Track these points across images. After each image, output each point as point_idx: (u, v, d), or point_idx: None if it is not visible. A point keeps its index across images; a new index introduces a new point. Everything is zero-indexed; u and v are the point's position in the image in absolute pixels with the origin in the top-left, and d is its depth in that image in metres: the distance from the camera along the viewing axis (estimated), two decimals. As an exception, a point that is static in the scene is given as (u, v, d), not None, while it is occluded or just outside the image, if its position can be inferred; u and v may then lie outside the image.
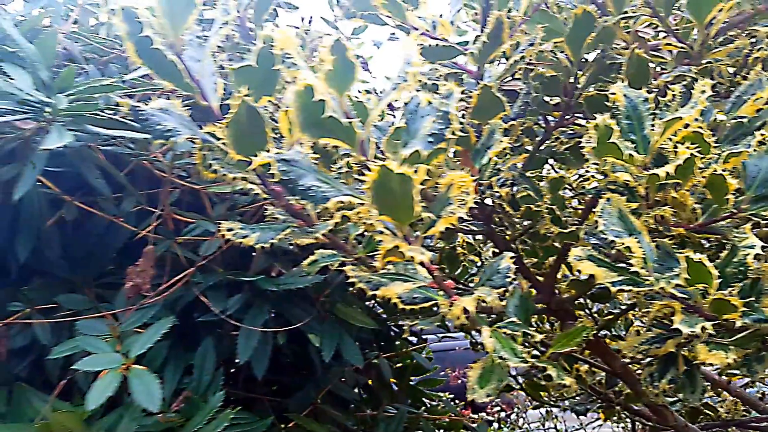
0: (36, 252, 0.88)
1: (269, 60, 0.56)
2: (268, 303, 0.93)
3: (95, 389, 0.59)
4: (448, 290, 0.62)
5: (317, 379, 1.12)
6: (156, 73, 0.55)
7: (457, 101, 0.50)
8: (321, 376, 1.13)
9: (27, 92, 0.67)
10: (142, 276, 0.79)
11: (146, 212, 0.94)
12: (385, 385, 1.32)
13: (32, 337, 0.87)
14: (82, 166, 0.77)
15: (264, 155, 0.53)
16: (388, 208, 0.52)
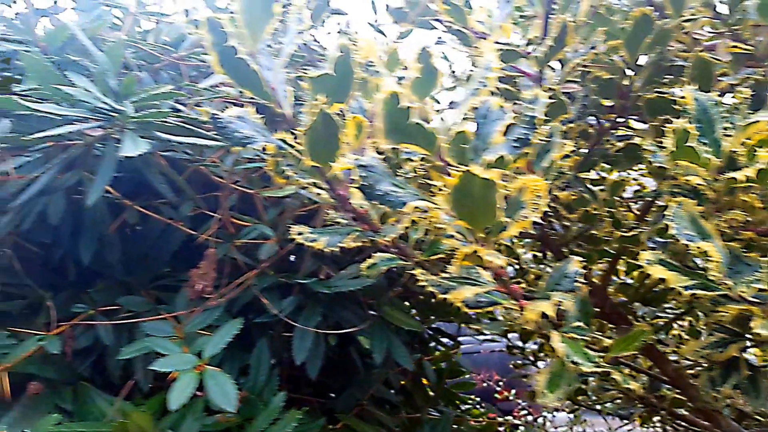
0: (97, 255, 0.90)
1: (345, 68, 0.57)
2: (319, 305, 0.95)
3: (176, 390, 0.61)
4: (516, 294, 0.63)
5: (360, 380, 1.14)
6: (236, 82, 0.57)
7: (544, 107, 0.51)
8: (363, 378, 1.14)
9: (99, 100, 0.69)
10: (205, 278, 0.81)
11: (200, 216, 0.96)
12: (420, 388, 1.33)
13: (95, 337, 0.89)
14: (146, 171, 0.79)
15: (344, 161, 0.54)
16: (467, 212, 0.53)
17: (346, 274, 0.98)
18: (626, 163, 0.92)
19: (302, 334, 0.90)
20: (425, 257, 0.71)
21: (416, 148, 0.52)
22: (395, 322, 1.01)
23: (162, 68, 1.03)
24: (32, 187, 0.77)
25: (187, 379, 0.63)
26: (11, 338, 0.84)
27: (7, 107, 0.70)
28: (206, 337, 0.73)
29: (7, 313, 0.90)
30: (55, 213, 0.84)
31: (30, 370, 0.79)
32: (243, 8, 0.55)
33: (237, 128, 0.60)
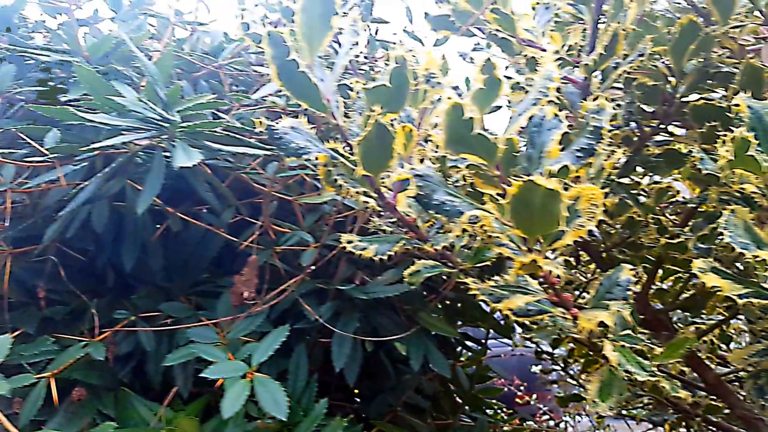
0: (137, 261, 0.91)
1: (401, 79, 0.57)
2: (356, 311, 0.95)
3: (229, 398, 0.62)
4: (567, 303, 0.63)
5: (392, 386, 1.14)
6: (292, 93, 0.57)
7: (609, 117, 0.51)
8: (395, 383, 1.14)
9: (150, 110, 0.70)
10: (247, 285, 0.82)
11: (238, 222, 0.97)
12: (448, 393, 1.33)
13: (135, 343, 0.90)
14: (191, 179, 0.80)
15: (401, 171, 0.54)
16: (526, 221, 0.53)
17: (382, 280, 0.98)
18: (665, 169, 0.91)
19: (341, 340, 0.90)
20: (471, 265, 0.71)
21: (475, 158, 0.52)
22: (431, 328, 1.01)
23: (200, 77, 1.04)
24: (79, 195, 0.78)
25: (240, 387, 0.63)
26: (55, 344, 0.85)
27: (63, 118, 0.72)
28: (252, 344, 0.74)
29: (50, 319, 0.92)
30: (99, 221, 0.85)
31: (76, 376, 0.80)
32: (303, 22, 0.55)
33: (292, 139, 0.61)
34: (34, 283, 0.94)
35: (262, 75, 0.97)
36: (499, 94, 0.50)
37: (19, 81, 0.95)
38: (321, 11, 0.56)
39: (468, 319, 1.38)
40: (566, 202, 0.48)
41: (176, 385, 0.89)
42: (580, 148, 0.51)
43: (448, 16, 0.87)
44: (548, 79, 0.51)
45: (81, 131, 0.88)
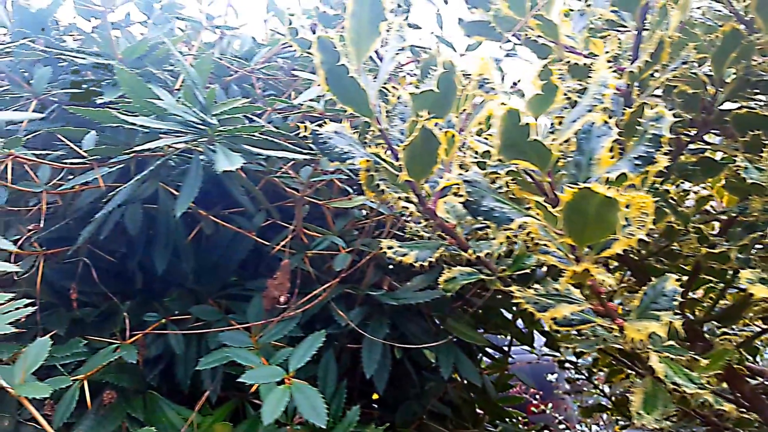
0: (168, 263, 0.91)
1: (449, 85, 0.57)
2: (385, 317, 0.94)
3: (269, 404, 0.61)
4: (613, 313, 0.62)
5: (417, 393, 1.13)
6: (339, 98, 0.57)
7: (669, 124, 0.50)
8: (420, 391, 1.13)
9: (190, 113, 0.70)
10: (280, 289, 0.81)
11: (268, 225, 0.97)
12: (468, 402, 1.32)
13: (165, 346, 0.90)
14: (227, 182, 0.79)
15: (450, 177, 0.54)
16: (578, 229, 0.52)
17: (411, 286, 0.98)
18: (700, 177, 0.90)
19: (371, 347, 0.89)
20: (510, 272, 0.71)
21: (527, 164, 0.52)
22: (459, 335, 1.00)
23: (231, 81, 1.04)
24: (116, 197, 0.78)
25: (280, 393, 0.63)
26: (86, 346, 0.85)
27: (103, 120, 0.72)
28: (285, 348, 0.73)
29: (80, 321, 0.92)
30: (132, 223, 0.85)
31: (107, 378, 0.79)
32: (351, 27, 0.55)
33: (335, 143, 0.60)
34: (63, 284, 0.94)
35: (295, 79, 0.97)
36: (556, 101, 0.49)
37: (52, 83, 0.95)
38: (370, 16, 0.55)
39: (490, 327, 1.37)
40: (624, 211, 0.47)
41: (204, 388, 0.89)
42: (638, 156, 0.50)
43: (481, 22, 0.87)
44: (603, 86, 0.51)
45: (114, 134, 0.89)
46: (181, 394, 0.91)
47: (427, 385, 1.17)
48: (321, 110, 0.76)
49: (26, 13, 0.98)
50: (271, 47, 1.03)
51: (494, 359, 1.47)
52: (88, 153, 0.76)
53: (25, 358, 0.58)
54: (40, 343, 0.61)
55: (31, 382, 0.59)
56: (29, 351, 0.59)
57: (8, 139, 0.65)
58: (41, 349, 0.60)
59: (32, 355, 0.59)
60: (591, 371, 1.48)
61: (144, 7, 1.08)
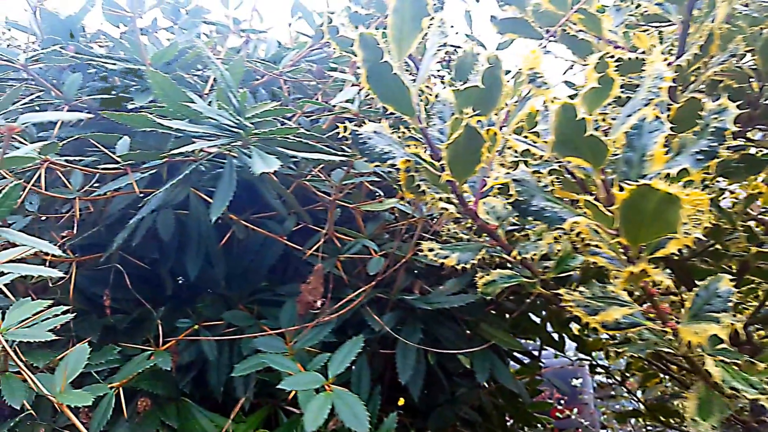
0: (199, 269, 0.90)
1: (494, 80, 0.55)
2: (419, 321, 0.93)
3: (311, 412, 0.60)
4: (665, 316, 0.60)
5: (448, 399, 1.11)
6: (380, 97, 0.55)
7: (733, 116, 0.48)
8: (452, 396, 1.11)
9: (225, 116, 0.69)
10: (314, 293, 0.80)
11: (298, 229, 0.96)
12: (497, 408, 1.29)
13: (197, 352, 0.89)
14: (260, 186, 0.78)
15: (498, 175, 0.52)
16: (634, 229, 0.50)
17: (444, 290, 0.96)
18: (743, 174, 0.87)
19: (405, 352, 0.88)
20: (554, 275, 0.69)
21: (580, 161, 0.50)
22: (493, 340, 0.98)
23: (259, 85, 1.04)
24: (150, 202, 0.78)
25: (322, 401, 0.61)
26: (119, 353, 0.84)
27: (137, 125, 0.71)
28: (322, 354, 0.72)
29: (112, 328, 0.91)
30: (165, 229, 0.85)
31: (142, 385, 0.79)
32: (394, 23, 0.54)
33: (375, 143, 0.59)
34: (94, 291, 0.94)
35: (323, 82, 0.96)
36: (612, 94, 0.47)
37: (81, 90, 0.96)
38: (412, 13, 0.54)
39: (519, 331, 1.34)
40: (686, 208, 0.45)
41: (237, 395, 0.88)
42: (700, 150, 0.48)
43: (515, 19, 0.85)
44: (659, 78, 0.49)
45: (144, 139, 0.88)
46: (213, 400, 0.90)
47: (458, 391, 1.14)
48: (355, 111, 0.75)
49: (55, 20, 0.98)
50: (299, 50, 1.02)
51: (523, 364, 1.44)
52: (121, 158, 0.75)
53: (65, 366, 0.57)
54: (78, 350, 0.60)
55: (69, 389, 0.58)
56: (68, 359, 0.59)
57: (44, 145, 0.64)
58: (80, 357, 0.59)
59: (72, 363, 0.58)
60: (624, 376, 1.45)
61: (171, 12, 1.08)
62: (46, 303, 0.60)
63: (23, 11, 1.06)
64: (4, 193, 0.39)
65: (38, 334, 0.55)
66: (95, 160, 0.80)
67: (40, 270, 0.44)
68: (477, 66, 0.80)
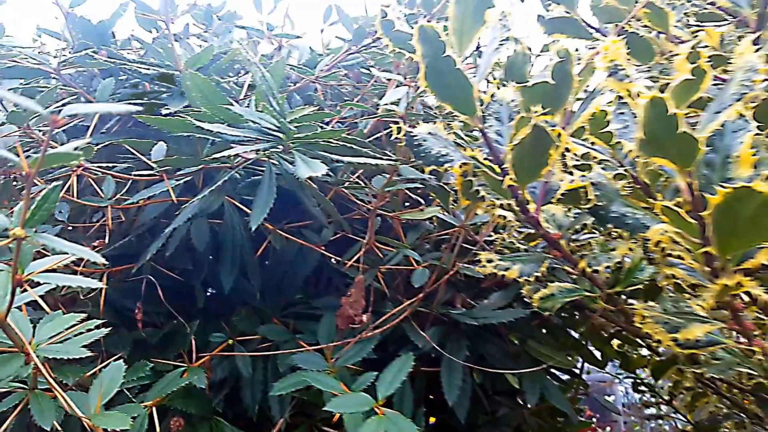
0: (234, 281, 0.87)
1: (564, 76, 0.51)
2: (463, 337, 0.87)
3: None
4: (750, 333, 0.54)
5: (489, 420, 1.05)
6: (439, 95, 0.51)
7: None
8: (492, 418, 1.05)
9: (267, 120, 0.66)
10: (355, 307, 0.75)
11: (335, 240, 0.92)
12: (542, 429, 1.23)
13: (230, 368, 0.85)
14: (300, 194, 0.75)
15: (573, 179, 0.47)
16: (726, 237, 0.45)
17: (489, 304, 0.91)
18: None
19: (450, 370, 0.82)
20: (621, 288, 0.63)
21: (666, 163, 0.45)
22: (541, 358, 0.93)
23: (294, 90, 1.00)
24: (185, 211, 0.74)
25: (374, 425, 0.56)
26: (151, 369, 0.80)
27: (175, 129, 0.68)
28: (368, 373, 0.67)
29: (142, 342, 0.88)
30: (199, 238, 0.81)
31: (175, 404, 0.74)
32: (455, 15, 0.50)
33: (431, 145, 0.55)
34: (123, 303, 0.90)
35: (364, 86, 0.93)
36: (704, 88, 0.42)
37: (113, 96, 0.93)
38: (476, 4, 0.50)
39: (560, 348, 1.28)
40: (797, 214, 0.40)
41: (271, 414, 0.84)
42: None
43: (563, 18, 0.81)
44: (752, 71, 0.44)
45: (178, 145, 0.85)
46: (247, 419, 0.86)
47: (499, 411, 1.09)
48: (402, 113, 0.71)
49: (87, 25, 0.97)
50: (334, 55, 0.99)
51: (563, 381, 1.37)
52: (158, 164, 0.72)
53: (100, 384, 0.53)
54: (113, 368, 0.57)
55: (103, 411, 0.55)
56: (103, 377, 0.55)
57: (80, 149, 0.61)
58: (115, 375, 0.55)
59: (107, 381, 0.54)
60: (672, 394, 1.37)
61: (203, 17, 1.06)
62: (79, 317, 0.56)
63: (53, 19, 1.05)
64: (43, 196, 0.35)
65: (72, 351, 0.51)
66: (129, 167, 0.77)
67: (79, 280, 0.41)
68: (527, 65, 0.76)
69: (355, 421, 0.61)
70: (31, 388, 0.61)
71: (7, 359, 0.49)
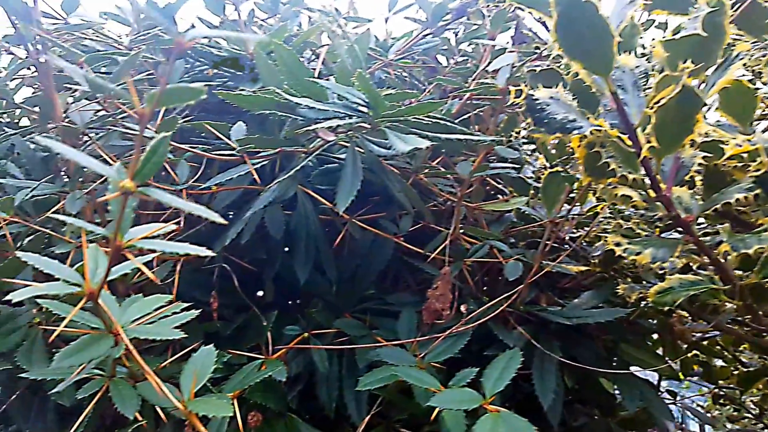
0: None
1: (716, 29, 0.44)
2: (554, 338, 0.80)
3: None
4: None
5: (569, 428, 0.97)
6: (569, 50, 0.45)
7: None
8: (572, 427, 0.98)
9: (356, 94, 0.61)
10: (442, 300, 0.70)
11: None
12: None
13: (305, 363, 0.80)
14: (383, 177, 0.69)
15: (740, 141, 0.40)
16: None
17: (580, 303, 0.83)
18: None
19: (543, 372, 0.75)
20: (758, 279, 0.55)
21: None
22: (635, 362, 0.85)
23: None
24: (264, 196, 0.70)
25: (490, 423, 0.50)
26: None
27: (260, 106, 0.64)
28: (468, 369, 0.61)
29: (213, 334, 0.84)
30: (275, 226, 0.77)
31: (254, 398, 0.70)
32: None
33: (554, 111, 0.49)
34: (192, 294, 0.87)
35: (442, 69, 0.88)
36: None
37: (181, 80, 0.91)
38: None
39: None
40: None
41: (346, 412, 0.78)
42: None
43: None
44: None
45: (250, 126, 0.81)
46: (319, 417, 0.81)
47: (577, 420, 1.01)
48: (503, 86, 0.65)
49: (154, 8, 0.94)
50: (408, 38, 0.94)
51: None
52: (239, 143, 0.68)
53: (193, 369, 0.49)
54: (204, 353, 0.52)
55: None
56: (194, 362, 0.51)
57: (163, 122, 0.58)
58: (207, 361, 0.51)
59: (198, 367, 0.50)
60: (762, 409, 1.26)
61: (270, 3, 1.03)
62: (166, 298, 0.52)
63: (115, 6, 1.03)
64: (152, 147, 0.31)
65: (163, 332, 0.47)
66: (207, 148, 0.74)
67: (189, 248, 0.36)
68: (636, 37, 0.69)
69: (457, 420, 0.55)
70: (110, 376, 0.57)
71: (95, 340, 0.45)
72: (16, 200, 0.63)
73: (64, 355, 0.42)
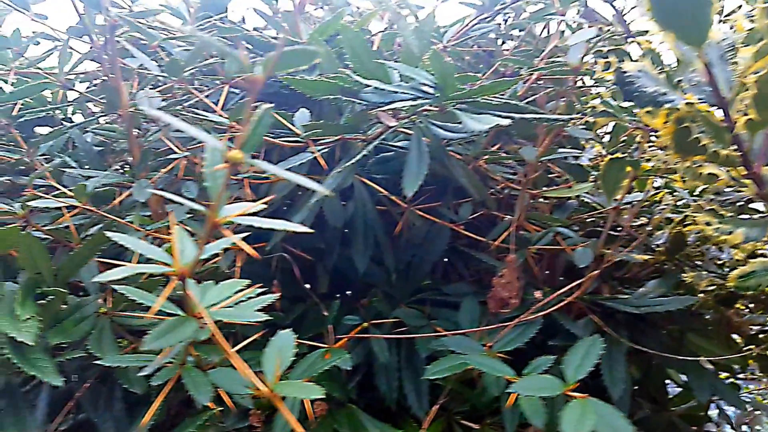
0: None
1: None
2: (622, 328, 0.78)
3: (568, 422, 0.47)
4: None
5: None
6: (661, 20, 0.43)
7: None
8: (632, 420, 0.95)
9: (423, 75, 0.60)
10: (508, 288, 0.68)
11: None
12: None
13: (364, 353, 0.80)
14: (446, 163, 0.68)
15: None
16: None
17: (645, 292, 0.81)
18: None
19: (611, 363, 0.73)
20: None
21: None
22: (703, 353, 0.81)
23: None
24: (326, 183, 0.69)
25: (579, 409, 0.49)
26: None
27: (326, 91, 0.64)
28: (544, 357, 0.59)
29: (272, 324, 0.84)
30: (334, 215, 0.77)
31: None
32: None
33: (644, 83, 0.47)
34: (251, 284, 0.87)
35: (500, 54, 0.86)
36: None
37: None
38: None
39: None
40: None
41: (407, 403, 0.77)
42: None
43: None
44: None
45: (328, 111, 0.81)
46: (378, 408, 0.80)
47: (637, 414, 0.98)
48: (575, 64, 0.63)
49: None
50: (462, 24, 0.92)
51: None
52: (305, 128, 0.68)
53: (275, 352, 0.48)
54: (283, 336, 0.52)
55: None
56: (274, 346, 0.50)
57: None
58: (287, 344, 0.50)
59: (280, 350, 0.49)
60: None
61: (319, -6, 1.03)
62: (245, 282, 0.52)
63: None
64: (258, 117, 0.30)
65: (247, 315, 0.47)
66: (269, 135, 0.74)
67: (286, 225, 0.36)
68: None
69: (536, 408, 0.53)
70: (181, 363, 0.57)
71: (179, 323, 0.45)
72: (87, 188, 0.64)
73: (152, 338, 0.42)
